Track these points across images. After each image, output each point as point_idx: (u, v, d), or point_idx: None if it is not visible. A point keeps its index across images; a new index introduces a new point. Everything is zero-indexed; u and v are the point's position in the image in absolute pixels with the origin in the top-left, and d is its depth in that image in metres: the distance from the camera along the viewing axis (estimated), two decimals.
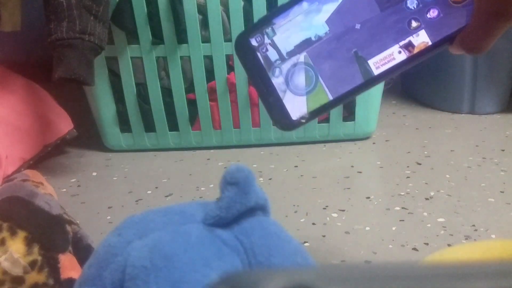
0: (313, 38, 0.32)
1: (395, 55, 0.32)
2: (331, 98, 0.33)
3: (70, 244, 0.43)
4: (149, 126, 0.82)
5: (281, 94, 0.33)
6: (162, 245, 0.29)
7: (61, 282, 0.41)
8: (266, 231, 0.31)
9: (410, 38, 0.32)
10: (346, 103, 0.79)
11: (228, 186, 0.31)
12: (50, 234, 0.42)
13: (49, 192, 0.48)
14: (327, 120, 0.81)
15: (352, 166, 0.73)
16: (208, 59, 0.77)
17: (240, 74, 0.77)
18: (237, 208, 0.31)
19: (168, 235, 0.30)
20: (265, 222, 0.32)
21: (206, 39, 0.75)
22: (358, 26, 0.32)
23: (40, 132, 0.76)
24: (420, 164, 0.72)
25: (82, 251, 0.44)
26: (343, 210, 0.60)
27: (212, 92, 0.79)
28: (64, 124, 0.80)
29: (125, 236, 0.31)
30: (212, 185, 0.69)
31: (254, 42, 0.33)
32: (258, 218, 0.32)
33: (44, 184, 0.48)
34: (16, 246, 0.40)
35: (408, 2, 0.31)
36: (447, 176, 0.67)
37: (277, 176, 0.71)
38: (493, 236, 0.52)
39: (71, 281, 0.40)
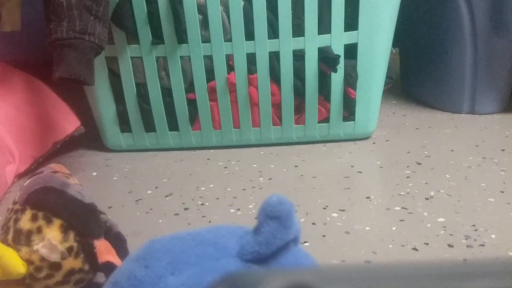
0: None
1: None
2: None
3: (103, 230, 0.44)
4: (149, 126, 0.82)
5: None
6: (201, 286, 0.27)
7: (99, 266, 0.42)
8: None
9: None
10: (346, 103, 0.79)
11: (268, 220, 0.29)
12: (85, 221, 0.43)
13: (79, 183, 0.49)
14: (327, 120, 0.81)
15: (352, 166, 0.73)
16: (208, 59, 0.77)
17: (240, 74, 0.77)
18: (277, 244, 0.29)
19: (206, 273, 0.28)
20: (299, 256, 0.31)
21: (206, 39, 0.75)
22: None
23: (48, 131, 0.77)
24: (420, 164, 0.72)
25: (113, 239, 0.45)
26: (343, 210, 0.60)
27: (212, 92, 0.79)
28: (71, 122, 0.81)
29: (154, 269, 0.29)
30: (212, 185, 0.69)
31: None
32: (292, 252, 0.31)
33: (72, 176, 0.49)
34: (53, 234, 0.42)
35: None
36: (447, 176, 0.67)
37: (277, 176, 0.71)
38: (493, 236, 0.52)
39: (109, 264, 0.41)
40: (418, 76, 1.02)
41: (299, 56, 0.76)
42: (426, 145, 0.79)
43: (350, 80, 0.77)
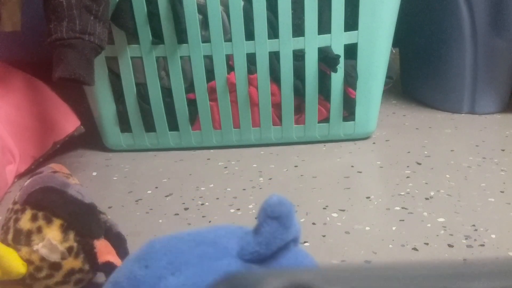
0: None
1: None
2: None
3: (103, 230, 0.44)
4: (149, 126, 0.82)
5: None
6: (201, 286, 0.27)
7: (99, 266, 0.42)
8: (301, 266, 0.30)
9: None
10: (346, 103, 0.79)
11: (268, 220, 0.29)
12: (85, 221, 0.43)
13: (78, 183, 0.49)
14: (327, 120, 0.81)
15: (352, 166, 0.73)
16: (208, 59, 0.77)
17: (240, 74, 0.77)
18: (277, 244, 0.29)
19: (206, 273, 0.28)
20: (300, 256, 0.31)
21: (206, 39, 0.75)
22: None
23: (48, 131, 0.77)
24: (420, 164, 0.72)
25: (113, 239, 0.45)
26: (343, 210, 0.60)
27: (212, 92, 0.79)
28: (71, 122, 0.81)
29: (154, 269, 0.29)
30: (212, 185, 0.69)
31: None
32: (292, 252, 0.31)
33: (72, 176, 0.49)
34: (53, 234, 0.41)
35: None
36: (447, 176, 0.67)
37: (277, 176, 0.71)
38: (493, 236, 0.52)
39: (109, 264, 0.41)
40: (418, 76, 1.02)
41: (299, 56, 0.76)
42: (426, 145, 0.79)
43: (350, 80, 0.77)
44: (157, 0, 0.72)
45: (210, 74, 0.78)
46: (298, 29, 0.75)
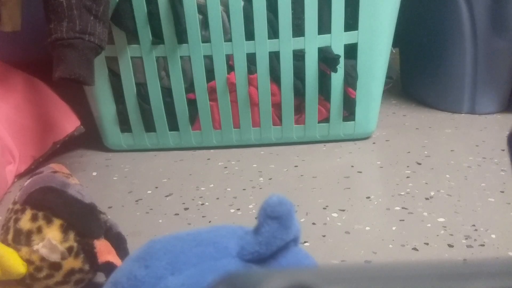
0: None
1: None
2: None
3: (103, 230, 0.44)
4: (149, 126, 0.82)
5: None
6: (201, 286, 0.27)
7: (99, 266, 0.42)
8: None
9: None
10: (346, 103, 0.79)
11: (268, 220, 0.29)
12: (85, 221, 0.43)
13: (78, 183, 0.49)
14: (327, 120, 0.81)
15: (352, 166, 0.73)
16: (208, 59, 0.77)
17: (240, 74, 0.77)
18: (277, 244, 0.29)
19: (206, 273, 0.28)
20: (299, 256, 0.31)
21: (206, 39, 0.75)
22: None
23: (48, 130, 0.77)
24: (420, 164, 0.72)
25: (114, 239, 0.45)
26: (343, 210, 0.60)
27: (212, 92, 0.79)
28: (71, 122, 0.81)
29: (154, 269, 0.29)
30: (212, 185, 0.69)
31: None
32: (292, 252, 0.31)
33: (72, 176, 0.49)
34: (53, 234, 0.41)
35: None
36: (447, 176, 0.67)
37: (277, 176, 0.71)
38: (493, 236, 0.52)
39: (109, 264, 0.41)
40: (418, 76, 1.02)
41: (299, 56, 0.76)
42: (426, 145, 0.79)
43: (350, 80, 0.77)
44: (157, 0, 0.72)
45: (210, 74, 0.78)
46: (298, 29, 0.75)
